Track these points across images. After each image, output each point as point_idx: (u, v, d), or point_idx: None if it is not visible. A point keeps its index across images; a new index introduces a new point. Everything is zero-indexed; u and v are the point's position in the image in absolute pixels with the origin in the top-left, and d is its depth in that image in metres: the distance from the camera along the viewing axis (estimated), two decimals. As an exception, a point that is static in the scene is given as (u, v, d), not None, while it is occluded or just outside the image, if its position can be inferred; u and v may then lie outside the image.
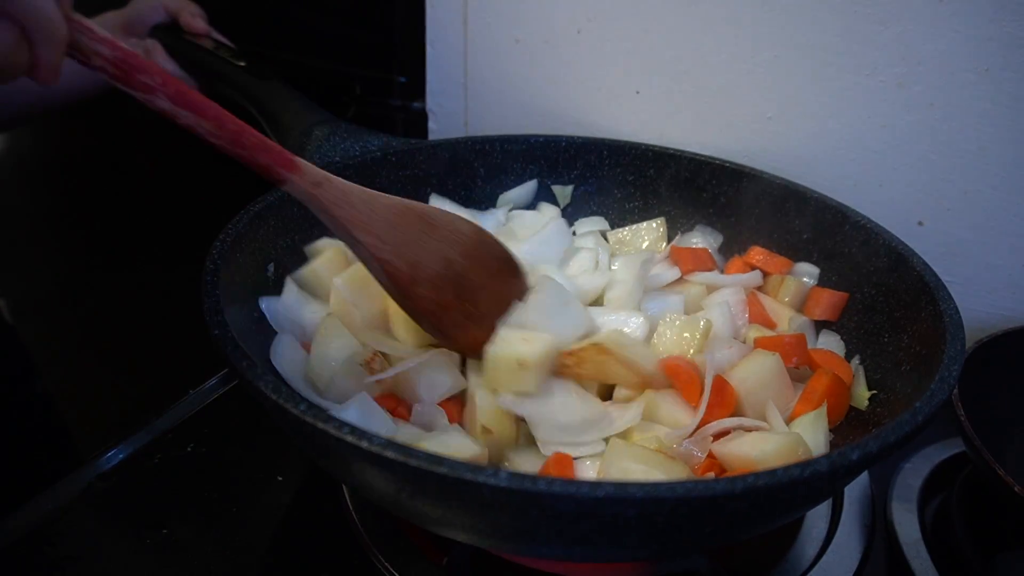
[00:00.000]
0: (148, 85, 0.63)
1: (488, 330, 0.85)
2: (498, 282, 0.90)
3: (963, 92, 1.02)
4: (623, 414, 0.83)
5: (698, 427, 0.82)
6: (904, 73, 1.05)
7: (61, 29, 0.60)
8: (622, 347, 0.83)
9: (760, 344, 0.93)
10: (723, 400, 0.85)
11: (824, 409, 0.85)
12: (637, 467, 0.72)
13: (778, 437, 0.79)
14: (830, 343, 0.99)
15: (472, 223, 0.89)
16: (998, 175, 1.04)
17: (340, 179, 0.78)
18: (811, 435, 0.81)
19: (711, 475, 0.77)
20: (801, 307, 1.03)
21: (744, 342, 0.97)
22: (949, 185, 1.08)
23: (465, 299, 0.86)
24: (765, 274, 1.07)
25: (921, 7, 1.01)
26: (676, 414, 0.84)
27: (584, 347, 0.83)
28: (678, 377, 0.86)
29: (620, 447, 0.76)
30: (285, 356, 0.85)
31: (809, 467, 0.55)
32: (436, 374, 0.84)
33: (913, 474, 0.96)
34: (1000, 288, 1.10)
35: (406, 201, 0.83)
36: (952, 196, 1.08)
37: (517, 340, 0.81)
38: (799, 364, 0.91)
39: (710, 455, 0.80)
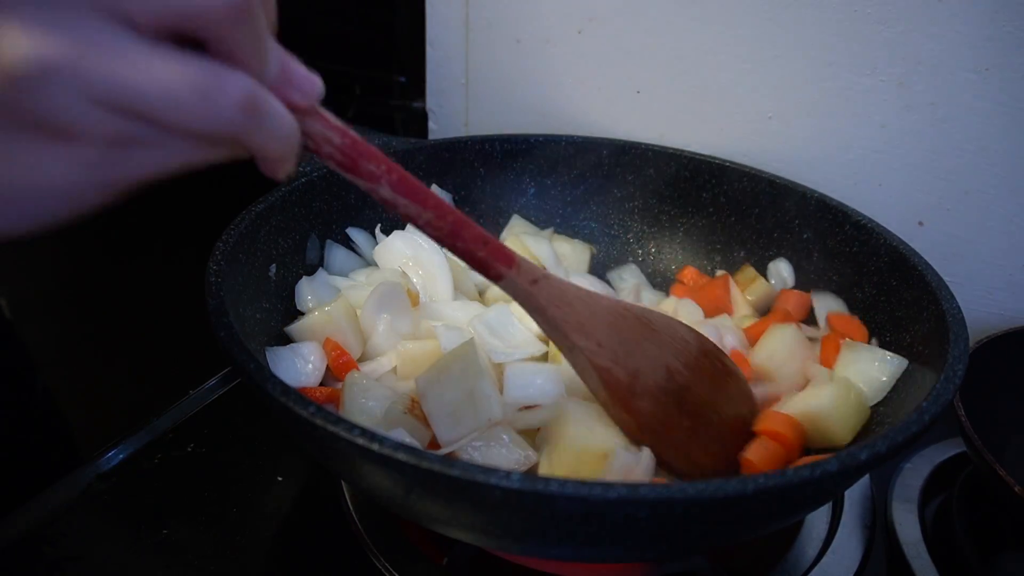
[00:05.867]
0: (373, 174, 0.58)
1: (714, 453, 0.78)
2: (723, 399, 0.81)
3: (963, 92, 1.03)
4: None
5: None
6: (904, 73, 1.05)
7: (294, 147, 0.52)
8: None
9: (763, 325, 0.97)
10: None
11: (857, 344, 0.88)
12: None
13: (828, 386, 0.82)
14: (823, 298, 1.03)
15: (693, 329, 0.81)
16: (998, 175, 1.05)
17: (557, 276, 0.72)
18: (857, 372, 0.85)
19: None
20: (765, 310, 1.07)
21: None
22: (949, 185, 1.08)
23: (688, 416, 0.77)
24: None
25: (921, 7, 1.01)
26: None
27: None
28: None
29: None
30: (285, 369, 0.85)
31: (819, 467, 0.55)
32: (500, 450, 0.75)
33: (913, 474, 0.96)
34: (1000, 288, 1.10)
35: (625, 302, 0.78)
36: (952, 196, 1.08)
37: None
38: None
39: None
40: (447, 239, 0.64)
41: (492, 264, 0.66)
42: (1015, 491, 0.77)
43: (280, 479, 0.92)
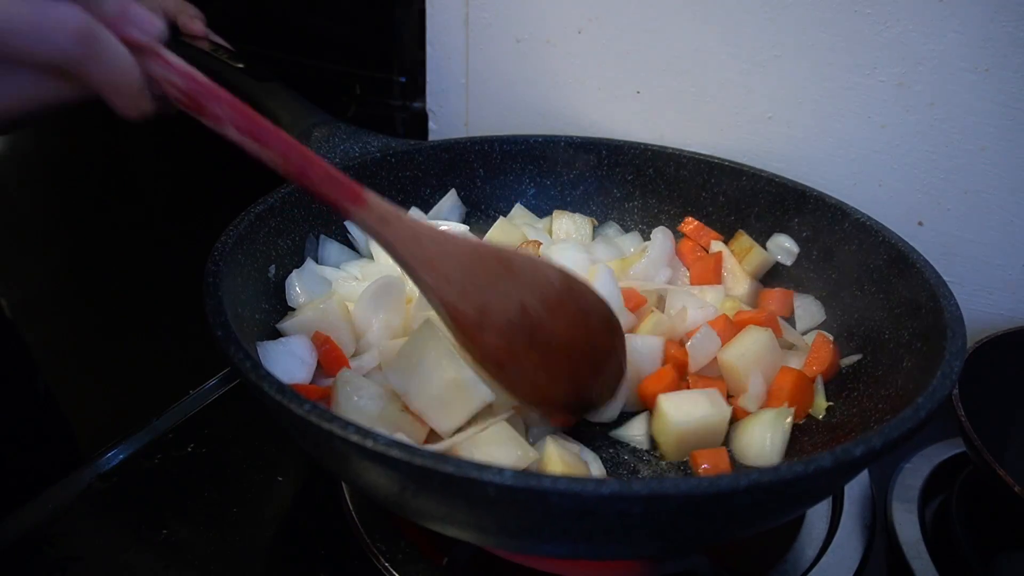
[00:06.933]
0: (219, 116, 0.61)
1: (563, 386, 0.82)
2: (583, 334, 0.81)
3: (963, 92, 1.03)
4: None
5: None
6: (904, 73, 1.05)
7: (134, 82, 0.56)
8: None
9: (743, 320, 0.97)
10: None
11: (785, 411, 0.88)
12: None
13: (713, 410, 0.86)
14: (806, 303, 1.04)
15: (562, 269, 0.80)
16: (998, 175, 1.04)
17: (411, 217, 0.73)
18: (759, 432, 0.86)
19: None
20: (763, 276, 1.09)
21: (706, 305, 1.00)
22: (949, 185, 1.08)
23: (540, 350, 0.79)
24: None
25: (921, 7, 1.01)
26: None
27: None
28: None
29: None
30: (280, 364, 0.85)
31: (813, 462, 0.55)
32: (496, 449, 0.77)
33: (913, 474, 0.96)
34: (1000, 288, 1.10)
35: (484, 243, 0.79)
36: (952, 196, 1.08)
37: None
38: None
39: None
40: (297, 178, 0.66)
41: (340, 202, 0.68)
42: (1015, 491, 0.77)
43: (280, 479, 0.92)
